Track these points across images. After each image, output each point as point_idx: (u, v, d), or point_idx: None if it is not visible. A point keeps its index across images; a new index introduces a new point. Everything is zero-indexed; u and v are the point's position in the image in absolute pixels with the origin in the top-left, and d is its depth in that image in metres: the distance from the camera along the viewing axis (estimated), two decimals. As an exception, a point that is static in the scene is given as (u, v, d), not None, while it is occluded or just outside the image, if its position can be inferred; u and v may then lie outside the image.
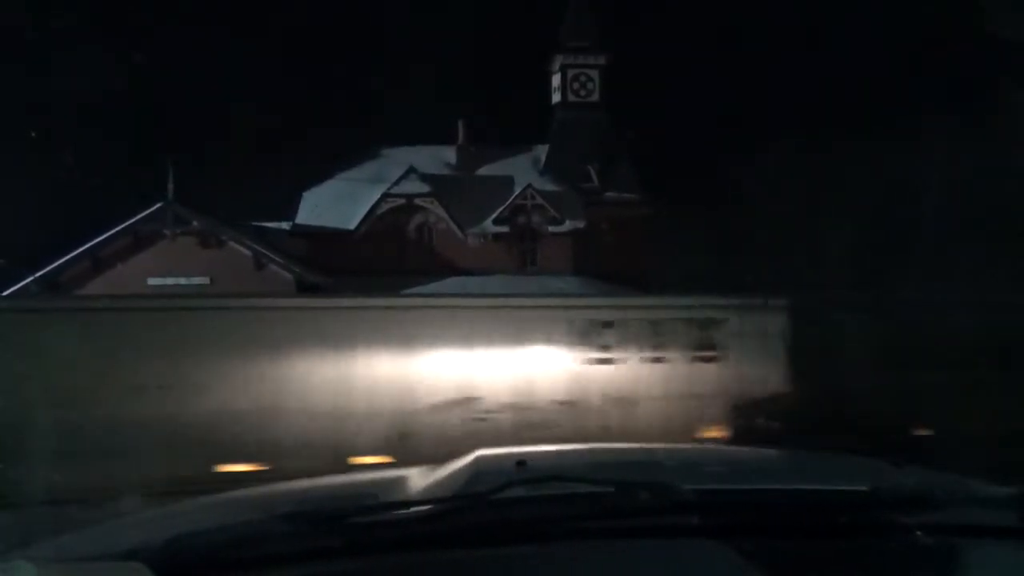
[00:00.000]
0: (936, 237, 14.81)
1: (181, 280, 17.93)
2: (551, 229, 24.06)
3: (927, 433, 8.42)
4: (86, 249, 18.75)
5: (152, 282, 17.80)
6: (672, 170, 25.47)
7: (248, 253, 19.66)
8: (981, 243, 13.76)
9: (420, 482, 1.60)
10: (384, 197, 23.55)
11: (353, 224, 23.32)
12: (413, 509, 1.27)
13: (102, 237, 18.89)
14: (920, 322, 9.59)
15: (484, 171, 25.57)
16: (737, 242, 20.79)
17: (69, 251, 18.56)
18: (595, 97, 26.76)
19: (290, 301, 9.94)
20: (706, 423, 9.22)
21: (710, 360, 9.71)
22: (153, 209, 19.15)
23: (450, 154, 25.95)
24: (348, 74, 40.82)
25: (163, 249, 19.10)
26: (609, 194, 24.95)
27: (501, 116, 33.10)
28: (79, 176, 15.22)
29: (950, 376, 8.56)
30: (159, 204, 19.15)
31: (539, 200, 24.06)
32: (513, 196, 24.11)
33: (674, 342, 9.67)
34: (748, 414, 9.18)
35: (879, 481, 1.41)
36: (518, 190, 24.18)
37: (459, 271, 21.68)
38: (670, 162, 26.22)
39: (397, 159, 24.75)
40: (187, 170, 19.76)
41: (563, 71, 26.83)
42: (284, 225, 23.59)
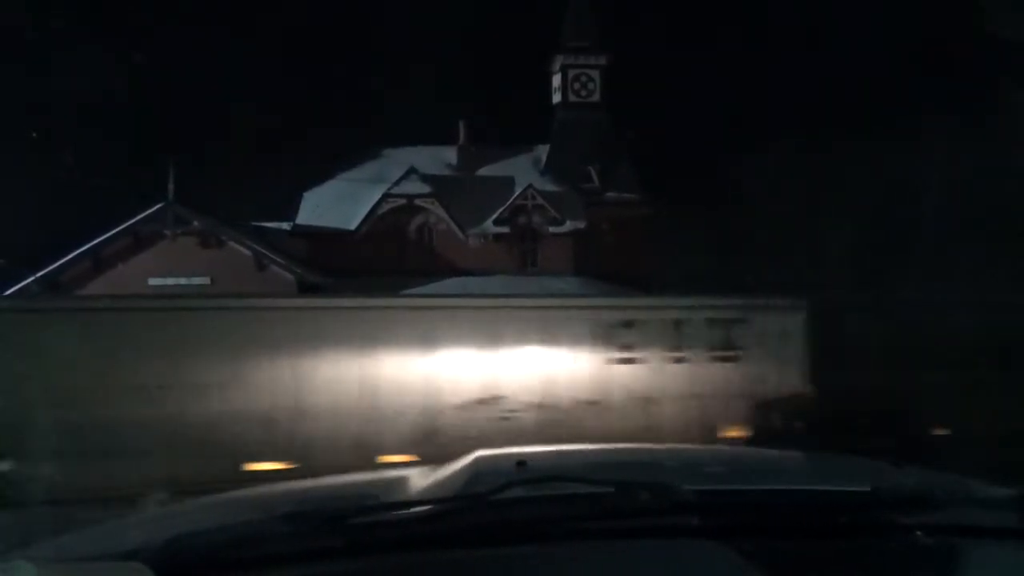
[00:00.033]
0: (936, 237, 14.81)
1: (181, 280, 17.90)
2: (552, 229, 24.04)
3: (945, 432, 8.44)
4: (87, 249, 18.72)
5: (152, 282, 17.78)
6: (672, 170, 25.52)
7: (249, 253, 19.64)
8: (981, 243, 13.77)
9: (420, 482, 1.60)
10: (385, 197, 23.53)
11: (354, 224, 23.30)
12: (413, 509, 1.27)
13: (103, 237, 18.85)
14: (935, 322, 9.62)
15: (485, 171, 25.55)
16: (737, 242, 20.80)
17: (70, 251, 18.54)
18: (596, 97, 26.74)
19: (317, 301, 10.03)
20: (727, 422, 9.25)
21: (730, 360, 9.74)
22: (154, 209, 19.11)
23: (451, 154, 25.93)
24: (348, 74, 40.93)
25: (164, 249, 19.07)
26: (610, 194, 24.92)
27: (502, 116, 33.22)
28: (79, 176, 15.23)
29: (964, 376, 8.59)
30: (160, 204, 19.11)
31: (540, 200, 24.04)
32: (514, 196, 24.08)
33: (695, 342, 9.71)
34: (768, 413, 9.21)
35: (879, 481, 1.41)
36: (519, 190, 24.15)
37: (460, 271, 21.65)
38: (670, 162, 26.28)
39: (398, 159, 24.73)
40: (187, 170, 19.76)
41: (564, 71, 26.81)
42: (285, 225, 23.57)
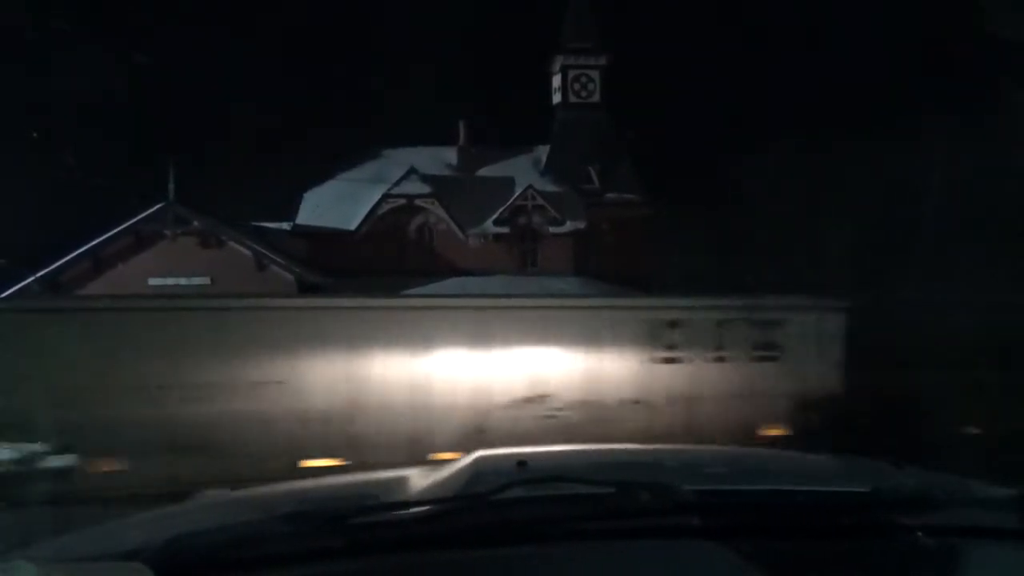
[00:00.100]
0: (936, 237, 14.80)
1: (181, 280, 17.91)
2: (552, 230, 24.04)
3: (977, 432, 8.47)
4: (87, 249, 18.73)
5: (153, 282, 17.79)
6: (673, 170, 25.50)
7: (249, 253, 19.63)
8: (981, 243, 13.77)
9: (420, 482, 1.60)
10: (385, 198, 23.53)
11: (354, 224, 23.30)
12: (413, 510, 1.27)
13: (103, 237, 18.86)
14: (970, 322, 9.67)
15: (485, 172, 25.55)
16: (737, 242, 20.78)
17: (70, 251, 18.54)
18: (596, 98, 26.74)
19: (369, 301, 10.18)
20: (767, 421, 9.36)
21: (771, 360, 9.87)
22: (154, 209, 19.11)
23: (451, 155, 25.93)
24: (348, 74, 40.99)
25: (164, 249, 19.07)
26: (610, 195, 24.92)
27: (502, 117, 33.26)
28: (80, 176, 15.19)
29: (994, 375, 8.63)
30: (160, 204, 19.11)
31: (540, 201, 24.04)
32: (514, 197, 24.08)
33: (737, 342, 9.84)
34: (807, 413, 9.30)
35: (879, 482, 1.41)
36: (519, 191, 24.15)
37: (460, 272, 21.64)
38: (671, 162, 26.27)
39: (398, 160, 24.73)
40: (188, 170, 19.77)
41: (564, 72, 26.81)
42: (285, 225, 23.57)
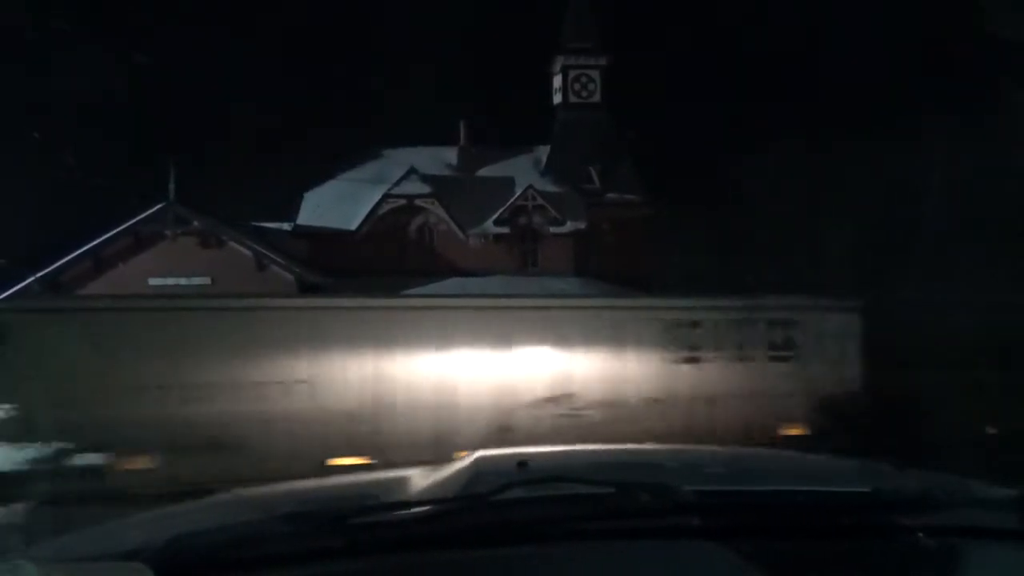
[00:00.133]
0: (936, 237, 14.80)
1: (182, 280, 17.91)
2: (552, 230, 24.03)
3: (994, 432, 8.50)
4: (87, 249, 18.73)
5: (153, 282, 17.79)
6: (673, 170, 25.49)
7: (249, 254, 19.63)
8: (982, 243, 13.77)
9: (421, 483, 1.60)
10: (385, 198, 23.52)
11: (354, 225, 23.29)
12: (414, 510, 1.26)
13: (103, 237, 18.86)
14: (984, 322, 9.72)
15: (485, 172, 25.54)
16: (738, 242, 20.79)
17: (70, 251, 18.54)
18: (596, 98, 26.73)
19: (394, 301, 10.45)
20: (786, 421, 9.50)
21: (789, 359, 10.03)
22: (154, 209, 19.11)
23: (451, 155, 25.92)
24: (348, 74, 40.95)
25: (164, 249, 19.07)
26: (610, 195, 24.91)
27: (502, 117, 33.20)
28: (80, 176, 15.19)
29: (1012, 376, 8.67)
30: (160, 204, 19.11)
31: (540, 201, 24.03)
32: (514, 197, 24.07)
33: (755, 342, 10.02)
34: (825, 412, 9.39)
35: (880, 483, 1.41)
36: (519, 191, 24.13)
37: (460, 272, 21.64)
38: (671, 162, 26.25)
39: (398, 160, 24.72)
40: (188, 170, 19.77)
41: (564, 72, 26.80)
42: (285, 226, 23.56)
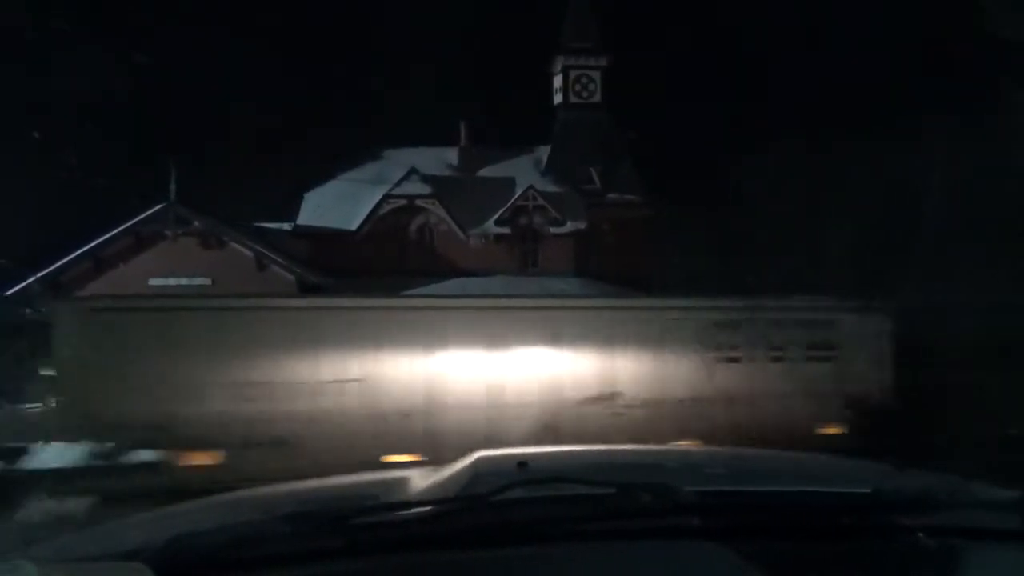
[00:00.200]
0: (937, 237, 14.79)
1: (183, 281, 17.91)
2: (552, 230, 24.02)
3: (1017, 433, 8.52)
4: (88, 249, 18.72)
5: (153, 283, 17.79)
6: (674, 171, 25.52)
7: (249, 254, 19.62)
8: (982, 243, 13.77)
9: (421, 483, 1.60)
10: (386, 198, 23.52)
11: (355, 225, 23.29)
12: (414, 510, 1.26)
13: (104, 237, 18.85)
14: (1014, 324, 9.77)
15: (486, 172, 25.54)
16: (738, 243, 20.78)
17: (71, 251, 18.54)
18: (597, 98, 26.73)
19: (448, 301, 10.63)
20: (822, 420, 9.63)
21: (825, 359, 10.17)
22: (155, 209, 19.11)
23: (452, 155, 25.92)
24: (348, 74, 41.03)
25: (165, 250, 19.07)
26: (611, 195, 24.90)
27: (503, 117, 33.28)
28: (80, 176, 15.20)
29: None
30: (161, 204, 19.10)
31: (540, 201, 24.02)
32: (515, 197, 24.06)
33: (792, 342, 10.15)
34: (860, 411, 9.47)
35: (881, 483, 1.41)
36: (519, 191, 24.13)
37: (461, 272, 21.64)
38: (672, 163, 26.28)
39: (399, 160, 24.72)
40: (189, 170, 19.77)
41: (565, 72, 26.80)
42: (285, 226, 23.55)
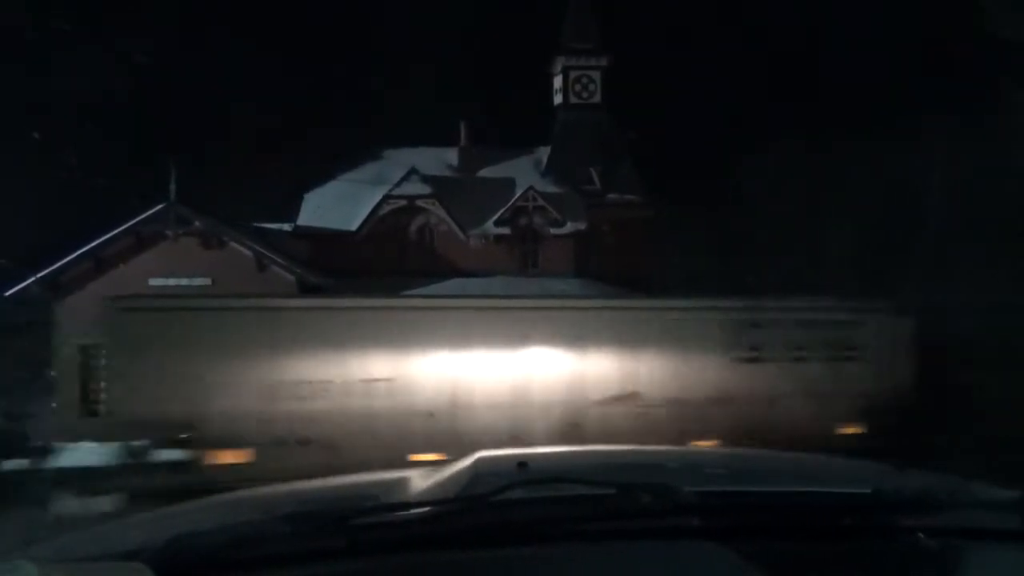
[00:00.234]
0: (937, 237, 14.79)
1: (183, 281, 17.90)
2: (552, 231, 24.01)
3: None
4: (88, 249, 18.70)
5: (154, 283, 17.76)
6: (674, 171, 25.53)
7: (250, 254, 19.61)
8: (982, 243, 13.77)
9: (421, 483, 1.60)
10: (386, 198, 23.51)
11: (355, 225, 23.28)
12: (414, 510, 1.26)
13: (104, 238, 18.82)
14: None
15: (486, 172, 25.53)
16: (739, 243, 20.80)
17: (71, 251, 18.51)
18: (597, 98, 26.73)
19: (477, 302, 10.74)
20: (844, 419, 9.68)
21: (847, 360, 10.24)
22: (155, 210, 19.08)
23: (452, 155, 25.91)
24: (348, 74, 41.04)
25: (165, 250, 19.05)
26: (611, 195, 24.89)
27: (503, 117, 33.23)
28: (81, 176, 15.23)
29: None
30: (161, 205, 19.08)
31: (540, 202, 24.02)
32: (515, 198, 24.05)
33: (814, 343, 10.23)
34: (882, 411, 9.50)
35: (881, 483, 1.41)
36: (520, 191, 24.12)
37: (460, 272, 21.64)
38: (672, 163, 26.28)
39: (399, 160, 24.71)
40: (189, 171, 19.76)
41: (565, 72, 26.80)
42: (286, 226, 23.55)
